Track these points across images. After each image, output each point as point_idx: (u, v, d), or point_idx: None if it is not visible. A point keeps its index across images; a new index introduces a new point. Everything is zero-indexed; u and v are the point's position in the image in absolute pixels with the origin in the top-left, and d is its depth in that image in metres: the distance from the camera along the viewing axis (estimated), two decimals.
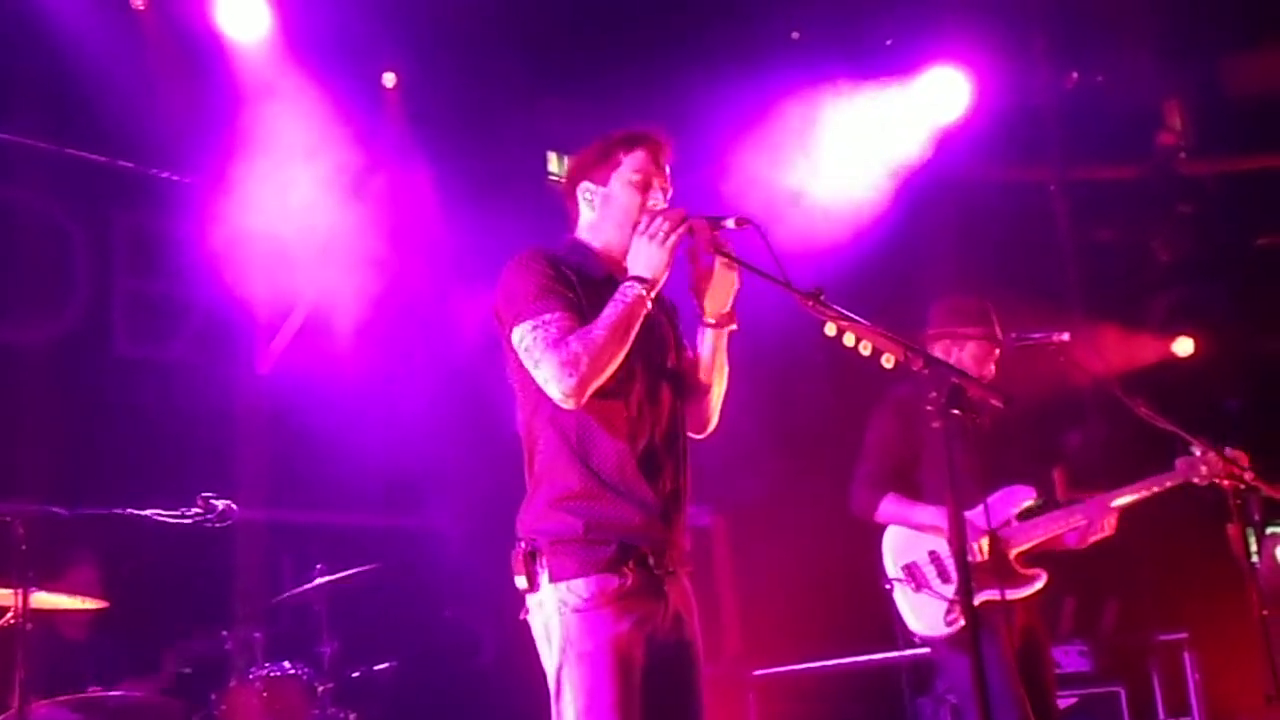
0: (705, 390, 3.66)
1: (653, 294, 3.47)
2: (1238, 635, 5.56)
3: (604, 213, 3.67)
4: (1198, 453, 5.02)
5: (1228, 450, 4.99)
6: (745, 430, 3.79)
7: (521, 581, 3.51)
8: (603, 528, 3.44)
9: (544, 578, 3.46)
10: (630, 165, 3.65)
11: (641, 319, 3.45)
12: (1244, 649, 5.53)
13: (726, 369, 3.67)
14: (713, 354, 3.61)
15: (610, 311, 3.43)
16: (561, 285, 3.51)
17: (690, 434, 3.70)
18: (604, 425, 3.49)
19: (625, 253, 3.57)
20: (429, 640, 7.82)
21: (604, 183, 3.67)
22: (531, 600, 3.52)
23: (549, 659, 3.48)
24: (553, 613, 3.45)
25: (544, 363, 3.41)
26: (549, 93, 8.06)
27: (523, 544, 3.51)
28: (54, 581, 5.46)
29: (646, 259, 3.47)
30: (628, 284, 3.46)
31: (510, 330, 3.51)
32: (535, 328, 3.45)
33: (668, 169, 3.68)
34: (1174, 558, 7.57)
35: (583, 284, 3.56)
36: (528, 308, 3.48)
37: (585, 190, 3.71)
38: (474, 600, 8.22)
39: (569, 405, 3.42)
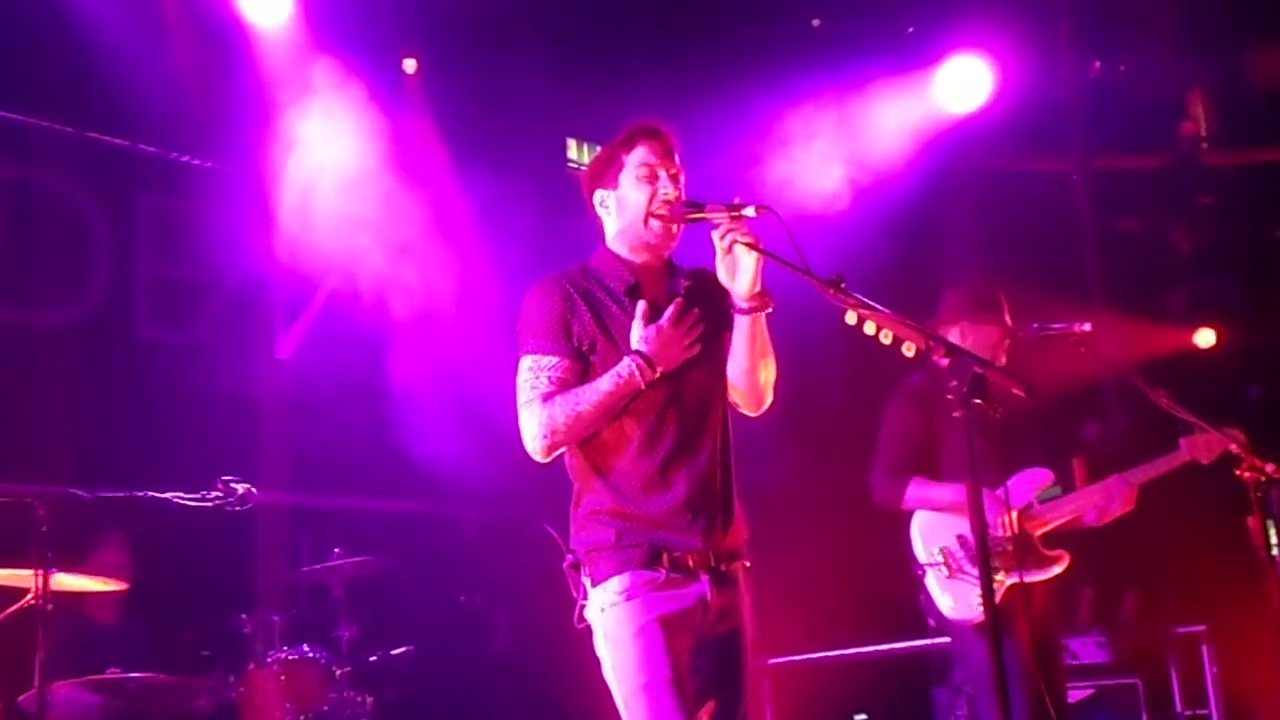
0: (751, 373, 3.61)
1: (654, 376, 3.47)
2: (1257, 628, 5.56)
3: (620, 214, 3.68)
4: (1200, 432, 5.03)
5: (1230, 431, 5.00)
6: (761, 417, 3.77)
7: (575, 593, 3.58)
8: (633, 533, 3.49)
9: (588, 584, 3.54)
10: (634, 161, 3.65)
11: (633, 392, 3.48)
12: (1263, 642, 5.53)
13: (771, 350, 3.62)
14: (748, 339, 3.56)
15: (607, 388, 3.47)
16: (571, 323, 3.55)
17: (745, 412, 3.70)
18: (623, 443, 3.53)
19: (650, 247, 3.63)
20: (446, 625, 7.84)
21: (614, 185, 3.69)
22: (585, 608, 3.56)
23: (603, 661, 3.52)
24: (597, 614, 3.51)
25: (525, 412, 3.53)
26: (569, 80, 8.05)
27: (569, 557, 3.59)
28: (75, 563, 5.48)
29: (663, 348, 3.49)
30: (633, 363, 3.47)
31: (518, 357, 3.60)
32: (531, 369, 3.55)
33: (676, 156, 3.68)
34: (1193, 550, 7.54)
35: (600, 307, 3.58)
36: (530, 343, 3.58)
37: (600, 198, 3.73)
38: (490, 586, 8.25)
39: (536, 458, 3.54)
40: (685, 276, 3.69)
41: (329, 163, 7.17)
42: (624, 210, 3.66)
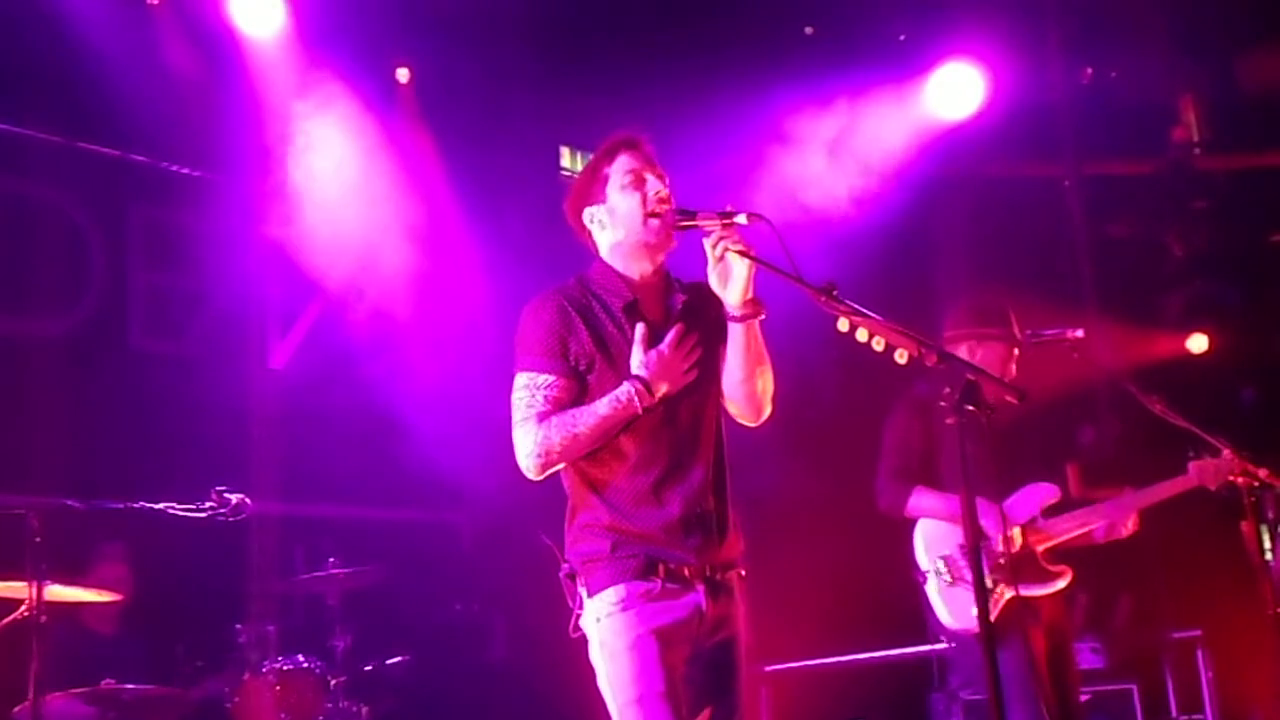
0: (748, 381, 3.60)
1: (653, 402, 3.48)
2: (1251, 633, 5.55)
3: (614, 224, 3.66)
4: (1209, 456, 5.03)
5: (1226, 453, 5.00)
6: (753, 427, 3.76)
7: (570, 602, 3.58)
8: (629, 544, 3.49)
9: (583, 594, 3.54)
10: (618, 170, 3.65)
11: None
12: (1258, 646, 5.53)
13: (767, 358, 3.61)
14: (743, 348, 3.55)
15: (605, 412, 3.47)
16: (569, 341, 3.54)
17: (745, 423, 3.70)
18: (618, 461, 3.53)
19: (650, 249, 3.62)
20: (441, 634, 7.84)
21: (602, 199, 3.67)
22: (580, 619, 3.57)
23: (599, 671, 3.52)
24: (592, 624, 3.51)
25: (520, 431, 3.53)
26: (562, 88, 8.06)
27: (564, 566, 3.59)
28: (68, 575, 5.47)
29: (663, 373, 3.50)
30: (632, 388, 3.46)
31: (514, 372, 3.60)
32: (527, 387, 3.54)
33: (656, 163, 3.67)
34: (1188, 555, 7.54)
35: (598, 325, 3.57)
36: (526, 360, 3.57)
37: (590, 216, 3.71)
38: (485, 594, 8.24)
39: (528, 476, 3.55)
40: (682, 291, 3.68)
41: (322, 172, 7.18)
42: (618, 220, 3.65)
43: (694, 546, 3.51)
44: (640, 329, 3.53)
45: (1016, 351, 5.21)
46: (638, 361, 3.50)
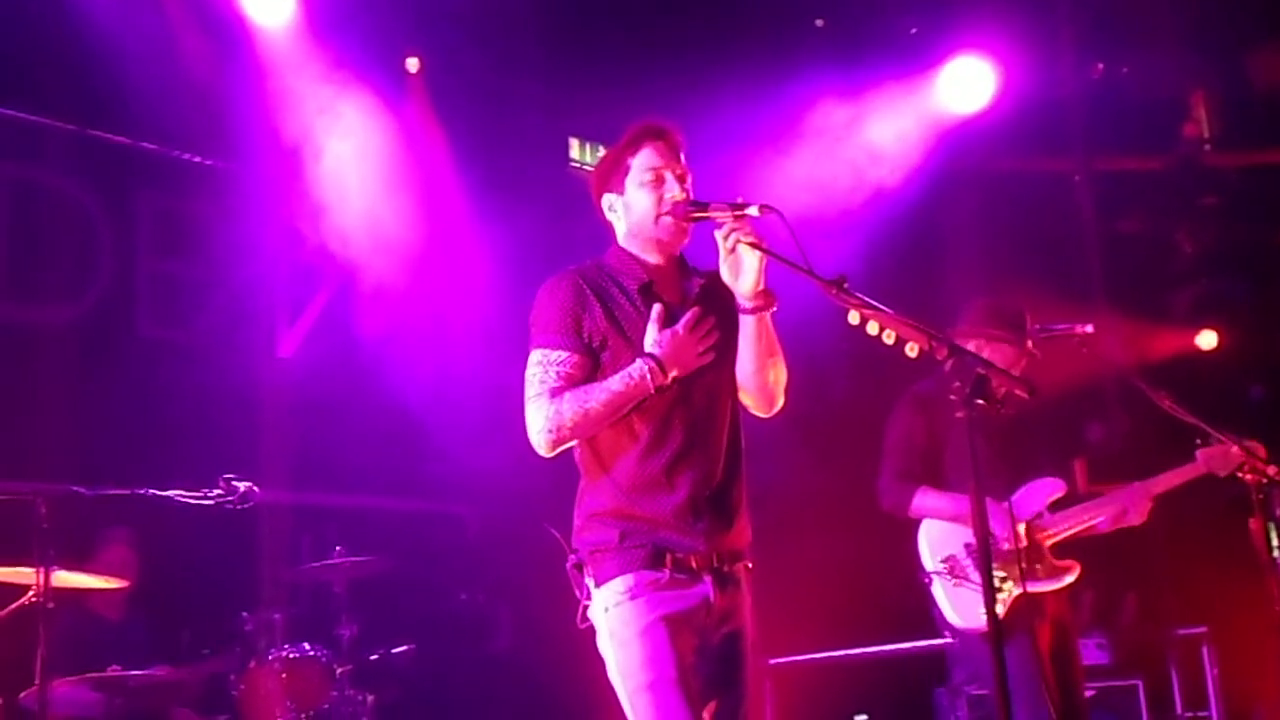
0: (759, 373, 3.60)
1: (665, 381, 3.48)
2: (1257, 630, 5.55)
3: (629, 218, 3.67)
4: (1218, 442, 5.02)
5: (1247, 443, 4.99)
6: (765, 418, 3.76)
7: (578, 593, 3.58)
8: (637, 534, 3.49)
9: (591, 584, 3.54)
10: (639, 165, 3.65)
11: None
12: (1263, 644, 5.53)
13: (779, 350, 3.61)
14: (753, 338, 3.55)
15: (618, 389, 3.46)
16: (583, 319, 3.55)
17: (757, 414, 3.70)
18: (631, 442, 3.53)
19: (662, 245, 3.63)
20: (446, 623, 7.85)
21: (621, 190, 3.69)
22: (588, 608, 3.57)
23: (608, 660, 3.52)
24: (600, 615, 3.51)
25: (533, 406, 3.51)
26: (571, 79, 8.06)
27: (572, 557, 3.59)
28: (76, 561, 5.49)
29: (677, 353, 3.49)
30: (645, 366, 3.46)
31: (529, 349, 3.60)
32: (540, 363, 3.54)
33: (681, 155, 3.67)
34: (1194, 552, 7.54)
35: (613, 304, 3.57)
36: (541, 336, 3.57)
37: (608, 203, 3.72)
38: (491, 584, 8.25)
39: (540, 452, 3.53)
40: (700, 276, 3.69)
41: (331, 161, 7.18)
42: (632, 214, 3.66)
43: (703, 530, 3.50)
44: (656, 308, 3.53)
45: (1024, 361, 5.17)
46: (651, 340, 3.49)
